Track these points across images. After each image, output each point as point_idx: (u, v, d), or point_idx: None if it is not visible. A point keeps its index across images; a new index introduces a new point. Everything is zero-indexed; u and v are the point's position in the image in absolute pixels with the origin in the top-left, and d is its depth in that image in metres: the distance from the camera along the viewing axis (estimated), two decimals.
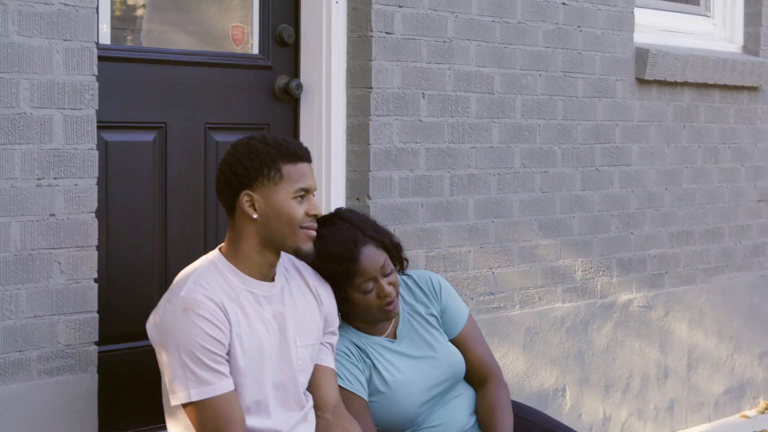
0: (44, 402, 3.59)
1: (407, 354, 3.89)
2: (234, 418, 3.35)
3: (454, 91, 4.80)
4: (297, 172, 3.44)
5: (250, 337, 3.42)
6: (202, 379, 3.31)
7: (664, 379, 5.90)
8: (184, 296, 3.34)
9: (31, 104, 3.55)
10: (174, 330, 3.32)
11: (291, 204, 3.43)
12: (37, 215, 3.58)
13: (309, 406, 3.60)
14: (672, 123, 5.89)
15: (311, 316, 3.60)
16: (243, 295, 3.44)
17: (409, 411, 3.84)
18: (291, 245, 3.46)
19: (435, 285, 4.01)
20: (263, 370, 3.45)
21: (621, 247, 5.63)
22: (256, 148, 3.44)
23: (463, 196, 4.87)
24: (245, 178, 3.42)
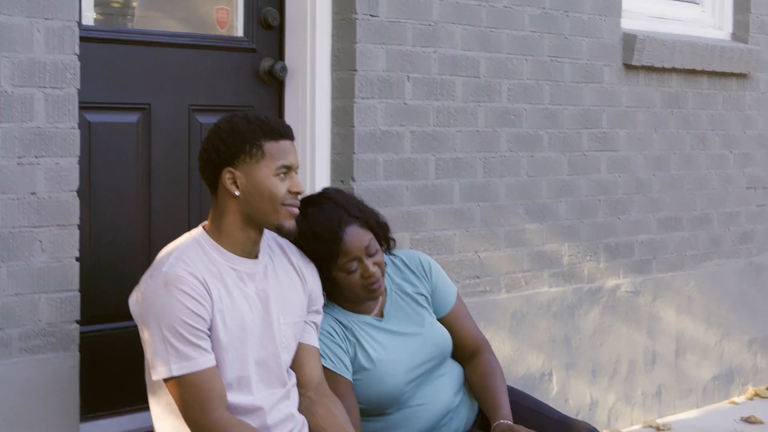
0: (26, 380, 3.60)
1: (394, 332, 3.91)
2: (215, 393, 3.36)
3: (439, 74, 4.81)
4: (279, 150, 3.45)
5: (233, 314, 3.43)
6: (183, 354, 3.32)
7: (652, 365, 5.91)
8: (166, 271, 3.36)
9: (12, 82, 3.56)
10: (155, 305, 3.33)
11: (273, 181, 3.44)
12: (18, 193, 3.59)
13: (291, 384, 3.61)
14: (660, 109, 5.90)
15: (295, 293, 3.61)
16: (226, 272, 3.45)
17: (395, 389, 3.86)
18: (273, 222, 3.47)
19: (425, 265, 4.03)
20: (245, 347, 3.47)
21: (608, 232, 5.64)
22: (238, 125, 3.45)
23: (449, 180, 4.88)
24: (227, 155, 3.43)
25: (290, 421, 3.57)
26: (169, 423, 3.47)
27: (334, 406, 3.65)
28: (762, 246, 6.61)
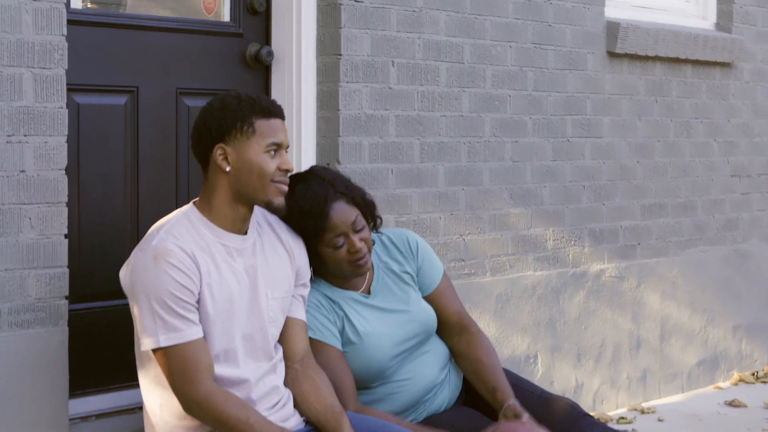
0: (15, 353, 3.68)
1: (380, 308, 3.98)
2: (202, 365, 3.43)
3: (423, 60, 4.89)
4: (269, 127, 3.53)
5: (220, 288, 3.51)
6: (171, 325, 3.40)
7: (637, 349, 5.99)
8: (155, 245, 3.44)
9: (1, 62, 3.64)
10: (144, 277, 3.41)
11: (263, 158, 3.51)
12: (7, 171, 3.67)
13: (278, 358, 3.69)
14: (644, 97, 5.98)
15: (282, 269, 3.69)
16: (215, 247, 3.53)
17: (380, 363, 3.93)
18: (262, 198, 3.54)
19: (411, 244, 4.10)
20: (232, 321, 3.54)
21: (592, 217, 5.72)
22: (230, 103, 3.54)
23: (434, 164, 4.96)
24: (218, 131, 3.51)
25: (276, 394, 3.65)
26: (156, 394, 3.55)
27: (319, 378, 3.73)
28: (746, 233, 6.69)
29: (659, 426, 5.62)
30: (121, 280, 3.53)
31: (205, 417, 3.45)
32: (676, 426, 5.62)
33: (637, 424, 5.62)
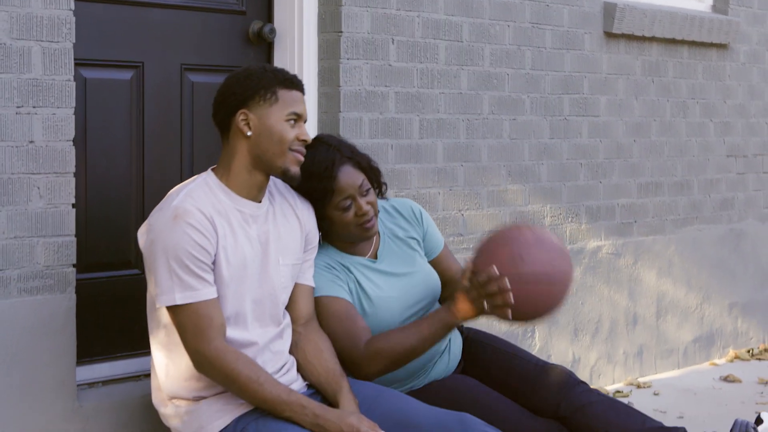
0: (24, 319, 3.77)
1: (387, 272, 4.09)
2: (215, 323, 3.54)
3: (422, 38, 4.98)
4: (291, 98, 3.66)
5: (235, 251, 3.62)
6: (187, 284, 3.50)
7: (633, 325, 6.09)
8: (175, 205, 3.54)
9: (10, 35, 3.73)
10: (163, 236, 3.51)
11: (283, 125, 3.63)
12: (17, 141, 3.76)
13: (286, 324, 3.79)
14: (640, 77, 6.07)
15: (293, 237, 3.80)
16: (231, 213, 3.64)
17: (390, 327, 4.02)
18: (280, 165, 3.65)
19: (416, 211, 4.23)
20: (244, 285, 3.65)
21: (589, 195, 5.82)
22: (255, 71, 3.68)
23: (432, 140, 5.06)
24: (242, 97, 3.63)
25: (281, 359, 3.74)
26: (164, 354, 3.67)
27: (322, 342, 3.83)
28: (742, 213, 6.79)
29: (655, 399, 5.71)
30: (139, 238, 3.64)
31: (216, 374, 3.56)
32: (671, 399, 5.72)
33: (633, 397, 5.72)
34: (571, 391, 4.13)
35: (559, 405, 4.11)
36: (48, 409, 3.84)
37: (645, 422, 4.08)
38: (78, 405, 3.93)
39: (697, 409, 5.51)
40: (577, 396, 4.13)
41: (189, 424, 3.64)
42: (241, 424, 3.59)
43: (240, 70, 3.72)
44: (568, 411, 4.10)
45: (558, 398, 4.12)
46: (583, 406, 4.10)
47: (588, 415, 4.09)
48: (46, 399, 3.84)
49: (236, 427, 3.59)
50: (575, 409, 4.09)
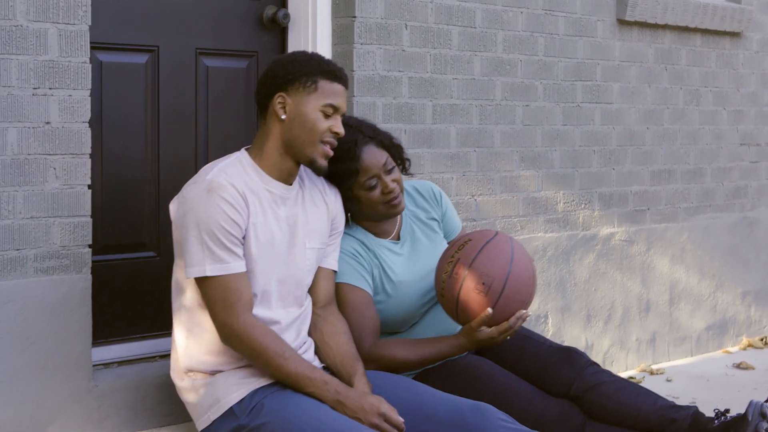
0: (39, 298, 3.81)
1: (410, 255, 4.14)
2: (243, 297, 3.59)
3: (436, 23, 5.01)
4: (331, 89, 3.71)
5: (264, 229, 3.67)
6: (218, 257, 3.55)
7: (646, 312, 6.10)
8: (209, 179, 3.60)
9: (27, 17, 3.77)
10: (196, 208, 3.56)
11: (318, 115, 3.69)
12: (33, 122, 3.80)
13: (307, 305, 3.84)
14: (653, 64, 6.08)
15: (320, 221, 3.85)
16: (262, 192, 3.69)
17: (411, 309, 4.09)
18: (308, 155, 3.71)
19: (436, 192, 4.29)
20: (271, 264, 3.70)
21: (602, 182, 5.83)
22: (300, 57, 3.75)
23: (446, 125, 5.08)
24: (283, 80, 3.69)
25: (300, 339, 3.80)
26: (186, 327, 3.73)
27: (340, 325, 3.88)
28: (755, 201, 6.80)
29: (667, 385, 5.73)
30: (170, 210, 3.69)
31: (243, 348, 3.60)
32: (683, 385, 5.74)
33: (645, 383, 5.72)
34: (583, 372, 4.17)
35: (571, 385, 4.14)
36: (63, 388, 3.88)
37: (657, 401, 4.11)
38: (93, 384, 3.96)
39: (710, 394, 5.52)
40: (590, 376, 4.16)
41: (205, 397, 3.68)
42: (258, 397, 3.63)
43: (287, 54, 3.82)
44: (580, 390, 4.13)
45: (570, 378, 4.15)
46: (595, 385, 4.13)
47: (600, 394, 4.12)
48: (62, 378, 3.88)
49: (252, 399, 3.63)
50: (587, 389, 4.13)
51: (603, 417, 4.12)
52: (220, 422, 3.66)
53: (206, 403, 3.68)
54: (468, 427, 3.62)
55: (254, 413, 3.60)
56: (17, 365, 3.77)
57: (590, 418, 4.15)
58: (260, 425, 3.57)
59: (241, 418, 3.61)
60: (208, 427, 3.69)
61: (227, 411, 3.64)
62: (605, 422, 4.12)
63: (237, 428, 3.62)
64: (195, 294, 3.68)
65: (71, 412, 3.91)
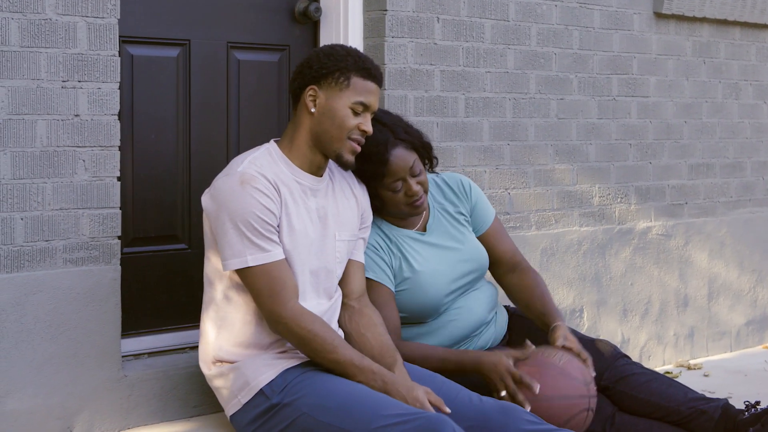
0: (68, 288, 3.85)
1: (435, 245, 4.16)
2: (289, 284, 3.62)
3: (468, 16, 5.01)
4: (364, 87, 3.73)
5: (297, 220, 3.71)
6: (258, 245, 3.58)
7: (684, 307, 6.07)
8: (241, 171, 3.63)
9: (56, 11, 3.81)
10: (231, 200, 3.60)
11: (347, 111, 3.71)
12: (62, 114, 3.85)
13: (337, 297, 3.87)
14: (691, 57, 6.05)
15: (350, 213, 3.88)
16: (292, 184, 3.73)
17: (435, 299, 4.10)
18: (335, 150, 3.74)
19: (465, 186, 4.30)
20: (304, 255, 3.73)
21: (639, 175, 5.81)
22: (337, 52, 3.75)
23: (478, 118, 5.08)
24: (317, 73, 3.72)
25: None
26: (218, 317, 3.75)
27: (375, 316, 3.90)
28: None
29: (704, 380, 5.70)
30: (203, 203, 3.72)
31: (292, 336, 3.62)
32: (720, 380, 5.70)
33: (682, 378, 5.70)
34: (614, 363, 4.20)
35: (602, 375, 4.15)
36: (93, 377, 3.92)
37: (687, 393, 4.11)
38: (122, 374, 4.01)
39: (746, 389, 5.48)
40: (620, 367, 4.17)
41: (234, 381, 3.71)
42: (290, 376, 3.65)
43: (326, 46, 3.81)
44: (610, 381, 4.14)
45: (602, 369, 4.17)
46: (626, 376, 4.14)
47: (631, 385, 4.13)
48: (91, 367, 3.92)
49: (284, 378, 3.65)
50: (618, 380, 4.14)
51: (633, 408, 4.13)
52: (251, 405, 3.68)
53: (236, 387, 3.71)
54: (491, 427, 3.62)
55: (286, 391, 3.62)
56: (47, 354, 3.82)
57: (620, 409, 4.15)
58: (293, 400, 3.60)
59: (272, 398, 3.63)
60: (239, 411, 3.72)
61: (258, 393, 3.66)
62: (635, 413, 4.13)
63: (269, 408, 3.64)
64: (224, 287, 3.71)
65: (100, 402, 3.95)
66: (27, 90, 3.76)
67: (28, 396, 3.79)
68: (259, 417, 3.66)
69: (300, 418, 3.56)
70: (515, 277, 4.28)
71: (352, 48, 3.81)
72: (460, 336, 4.15)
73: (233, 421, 3.76)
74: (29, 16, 3.76)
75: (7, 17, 3.72)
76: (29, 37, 3.76)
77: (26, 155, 3.77)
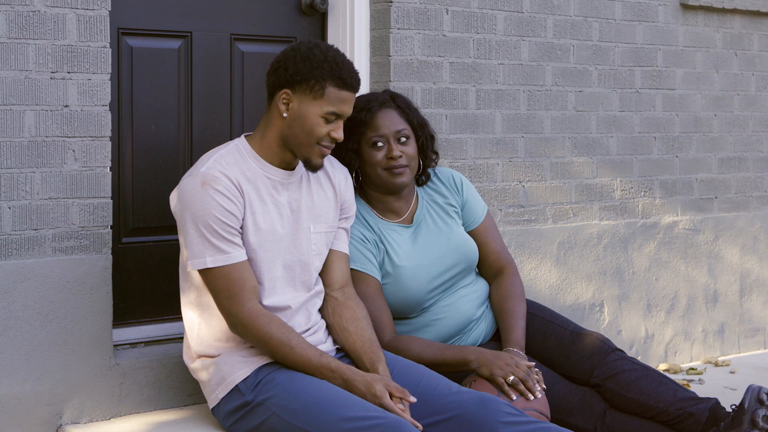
0: (57, 276, 3.91)
1: (420, 239, 4.14)
2: (247, 286, 3.64)
3: (479, 8, 4.98)
4: (338, 98, 3.69)
5: (263, 218, 3.71)
6: (217, 248, 3.61)
7: (714, 303, 5.98)
8: (203, 172, 3.65)
9: (45, 3, 3.87)
10: (192, 202, 3.62)
11: (318, 120, 3.69)
12: (51, 105, 3.90)
13: (317, 290, 3.87)
14: (721, 50, 5.95)
15: (327, 204, 3.88)
16: (260, 179, 3.73)
17: (417, 294, 4.07)
18: (304, 154, 3.74)
19: (456, 180, 4.28)
20: (274, 251, 3.74)
21: (664, 169, 5.73)
22: (315, 57, 3.69)
23: (491, 110, 5.05)
24: (292, 77, 3.69)
25: (309, 321, 3.83)
26: (195, 314, 3.80)
27: (359, 310, 3.89)
28: None
29: (728, 377, 5.61)
30: (170, 203, 3.75)
31: (250, 336, 3.65)
32: (745, 377, 5.61)
33: (706, 374, 5.63)
34: (605, 359, 4.13)
35: (592, 372, 4.11)
36: (83, 365, 3.97)
37: (677, 392, 4.05)
38: (114, 362, 4.05)
39: None
40: (611, 363, 4.12)
41: (213, 375, 3.75)
42: (262, 374, 3.68)
43: (305, 47, 3.73)
44: (600, 378, 4.09)
45: (592, 365, 4.12)
46: (617, 374, 4.09)
47: (620, 383, 4.08)
48: (82, 354, 3.97)
49: (257, 376, 3.68)
50: (608, 377, 4.09)
51: (622, 406, 4.08)
52: (227, 400, 3.72)
53: (214, 381, 3.75)
54: (470, 420, 3.60)
55: (258, 389, 3.65)
56: (35, 341, 3.88)
57: (611, 406, 4.10)
58: (264, 400, 3.63)
59: (246, 395, 3.66)
60: (217, 406, 3.76)
61: (233, 389, 3.70)
62: (625, 412, 4.08)
63: (242, 405, 3.68)
64: (199, 282, 3.74)
65: (91, 389, 4.00)
66: (14, 81, 3.82)
67: (16, 382, 3.85)
68: (235, 411, 3.71)
69: (270, 418, 3.61)
70: (496, 285, 4.24)
71: (331, 51, 3.72)
72: (448, 333, 4.13)
73: (214, 414, 3.80)
74: (17, 8, 3.81)
75: None
76: (17, 29, 3.82)
77: (14, 145, 3.83)
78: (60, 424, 3.94)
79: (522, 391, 3.79)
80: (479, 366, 3.86)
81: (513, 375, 3.80)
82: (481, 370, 3.85)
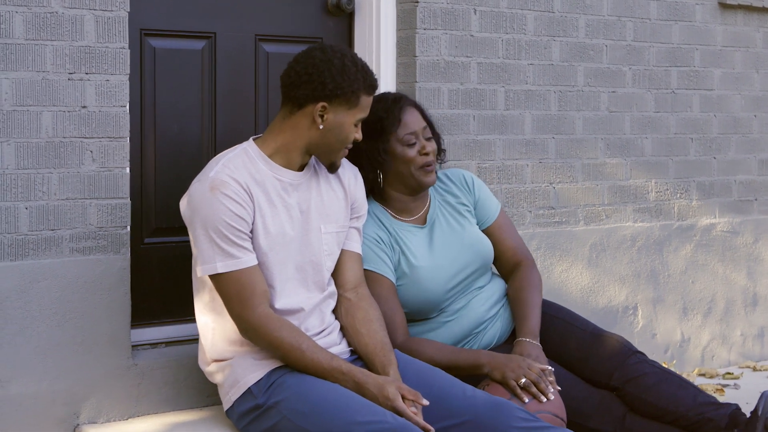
0: (75, 277, 3.92)
1: (435, 239, 4.12)
2: (257, 290, 3.64)
3: (509, 8, 4.94)
4: (367, 104, 3.78)
5: (273, 220, 3.71)
6: (228, 253, 3.61)
7: (753, 306, 5.90)
8: (212, 176, 3.65)
9: (63, 4, 3.88)
10: (201, 207, 3.63)
11: (351, 128, 3.75)
12: (69, 106, 3.91)
13: (330, 290, 3.86)
14: (761, 49, 5.86)
15: (337, 204, 3.87)
16: (269, 181, 3.72)
17: (436, 295, 4.06)
18: (332, 158, 3.79)
19: (467, 179, 4.27)
20: (285, 253, 3.74)
21: (701, 170, 5.66)
22: (348, 68, 3.71)
23: (520, 111, 5.01)
24: (331, 91, 3.69)
25: (324, 322, 3.83)
26: (210, 318, 3.79)
27: (372, 311, 3.87)
28: None
29: (765, 382, 5.52)
30: (181, 209, 3.75)
31: (260, 340, 3.66)
32: None
33: (742, 379, 5.54)
34: (625, 362, 4.09)
35: (612, 375, 4.07)
36: (100, 364, 3.99)
37: (697, 397, 3.99)
38: (132, 363, 4.06)
39: None
40: (631, 367, 4.07)
41: (227, 378, 3.76)
42: (274, 377, 3.67)
43: (336, 58, 3.71)
44: (620, 381, 4.05)
45: (611, 368, 4.08)
46: (636, 377, 4.04)
47: (640, 387, 4.03)
48: (99, 354, 3.98)
49: (270, 379, 3.67)
50: (627, 380, 4.05)
51: (642, 410, 4.03)
52: (240, 402, 3.72)
53: (228, 383, 3.75)
54: (483, 424, 3.58)
55: (270, 392, 3.65)
56: (52, 341, 3.90)
57: (631, 410, 4.05)
58: (276, 402, 3.62)
59: (258, 398, 3.66)
60: (231, 408, 3.77)
61: (246, 391, 3.70)
62: (645, 415, 4.03)
63: (255, 407, 3.68)
64: (213, 287, 3.74)
65: (108, 388, 4.01)
66: (32, 82, 3.84)
67: (33, 381, 3.87)
68: (248, 413, 3.71)
69: (281, 421, 3.60)
70: (512, 276, 4.22)
71: (357, 59, 3.75)
72: (461, 334, 4.10)
73: (228, 416, 3.81)
74: (34, 9, 3.83)
75: (12, 10, 3.80)
76: (34, 30, 3.84)
77: (31, 145, 3.85)
78: (77, 424, 3.96)
79: (534, 393, 3.76)
80: (491, 369, 3.83)
81: (525, 377, 3.77)
82: (494, 374, 3.82)
